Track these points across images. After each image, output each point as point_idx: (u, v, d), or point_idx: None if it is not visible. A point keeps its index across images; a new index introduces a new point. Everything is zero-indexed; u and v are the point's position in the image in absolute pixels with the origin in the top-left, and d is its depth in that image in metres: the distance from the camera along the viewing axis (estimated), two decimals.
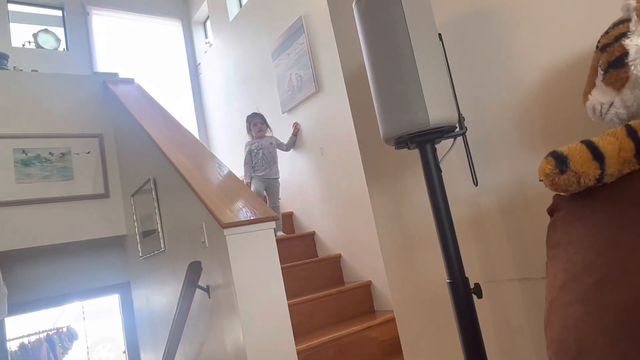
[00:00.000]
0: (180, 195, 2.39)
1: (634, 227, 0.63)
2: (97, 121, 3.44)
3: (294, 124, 3.61)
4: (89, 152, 3.35)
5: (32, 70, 3.63)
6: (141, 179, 2.92)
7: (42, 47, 4.52)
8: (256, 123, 3.59)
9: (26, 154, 3.17)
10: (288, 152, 3.72)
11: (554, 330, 0.68)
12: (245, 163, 3.54)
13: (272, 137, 3.63)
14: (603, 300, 0.60)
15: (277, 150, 3.63)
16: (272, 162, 3.54)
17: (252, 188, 3.45)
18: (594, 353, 0.59)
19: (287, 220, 3.74)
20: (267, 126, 3.64)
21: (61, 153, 3.28)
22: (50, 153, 3.24)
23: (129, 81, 3.58)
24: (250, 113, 3.74)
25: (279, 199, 3.56)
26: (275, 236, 3.32)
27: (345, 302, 2.89)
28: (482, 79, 1.14)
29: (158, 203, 2.69)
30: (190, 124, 5.24)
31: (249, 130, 3.63)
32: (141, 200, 2.95)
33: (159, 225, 2.67)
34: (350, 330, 2.54)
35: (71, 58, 4.59)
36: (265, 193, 3.54)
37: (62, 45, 4.70)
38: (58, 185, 3.21)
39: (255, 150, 3.53)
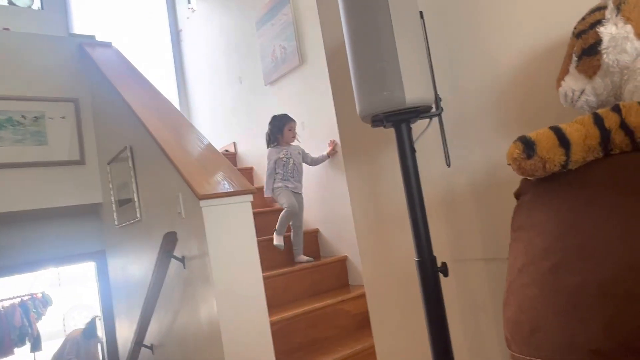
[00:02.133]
0: (157, 165, 2.35)
1: (593, 213, 0.65)
2: (72, 85, 3.32)
3: (331, 142, 3.09)
4: (63, 117, 3.25)
5: (4, 29, 3.46)
6: (118, 147, 2.86)
7: (14, 4, 4.31)
8: (292, 127, 3.09)
9: None
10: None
11: (511, 310, 0.70)
12: (269, 175, 3.05)
13: (298, 146, 3.16)
14: (557, 283, 0.62)
15: None
16: (300, 175, 3.11)
17: (285, 203, 2.97)
18: (546, 333, 0.62)
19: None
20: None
21: (34, 117, 3.17)
22: (23, 116, 3.13)
23: (107, 45, 3.45)
24: (280, 114, 3.17)
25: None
26: (298, 260, 2.99)
27: (320, 276, 2.93)
28: (460, 59, 1.13)
29: (135, 172, 2.65)
30: (170, 92, 5.11)
31: (280, 132, 3.06)
32: (118, 168, 2.90)
33: (135, 194, 2.64)
34: (324, 304, 2.59)
35: (46, 17, 4.39)
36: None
37: (37, 4, 4.48)
38: (31, 149, 3.12)
39: (285, 159, 3.05)
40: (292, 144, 3.13)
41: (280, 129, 3.09)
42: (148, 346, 2.59)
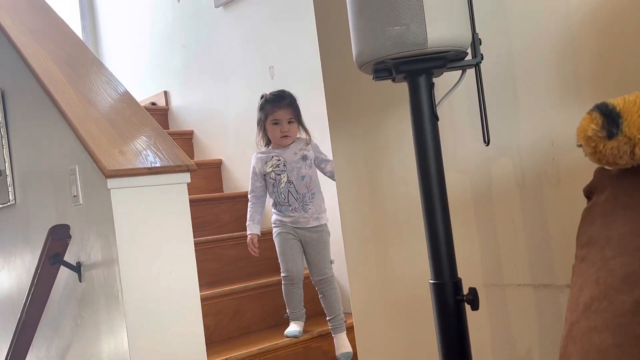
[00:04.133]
0: (42, 121, 2.34)
1: None
2: None
3: None
4: None
5: None
6: None
7: None
8: (278, 119, 2.63)
9: None
10: (219, 77, 3.62)
11: None
12: (257, 197, 2.72)
13: (305, 139, 2.72)
14: None
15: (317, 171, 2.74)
16: (309, 194, 2.68)
17: (281, 262, 2.70)
18: None
19: (215, 172, 3.73)
20: (300, 124, 2.70)
21: None
22: None
23: None
24: (274, 92, 2.71)
25: (332, 261, 2.72)
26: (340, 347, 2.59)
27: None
28: None
29: (7, 130, 2.63)
30: (69, 15, 5.02)
31: (262, 125, 2.68)
32: None
33: (6, 164, 2.62)
34: (293, 340, 2.60)
35: None
36: (304, 261, 2.74)
37: None
38: None
39: (274, 173, 2.65)
40: (289, 143, 2.69)
41: (260, 120, 2.69)
42: None
